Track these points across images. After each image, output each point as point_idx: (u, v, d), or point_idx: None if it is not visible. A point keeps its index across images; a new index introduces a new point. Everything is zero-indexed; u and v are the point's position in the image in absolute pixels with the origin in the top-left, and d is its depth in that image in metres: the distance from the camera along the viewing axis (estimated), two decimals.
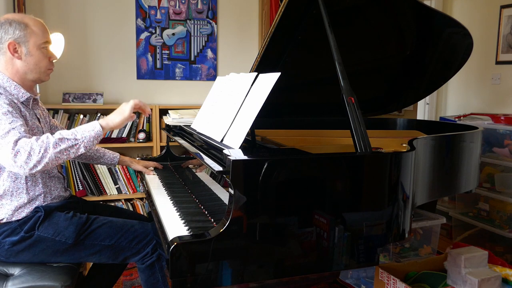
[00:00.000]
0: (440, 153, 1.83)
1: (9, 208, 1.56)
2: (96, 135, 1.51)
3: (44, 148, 1.40)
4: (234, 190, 1.21)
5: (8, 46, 1.56)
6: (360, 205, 1.39)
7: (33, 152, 1.39)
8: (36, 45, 1.60)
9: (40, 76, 1.65)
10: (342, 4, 1.91)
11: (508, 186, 2.81)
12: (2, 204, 1.56)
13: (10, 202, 1.56)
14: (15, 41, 1.57)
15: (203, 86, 3.77)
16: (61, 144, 1.43)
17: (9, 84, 1.59)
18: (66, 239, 1.57)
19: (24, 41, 1.58)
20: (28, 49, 1.59)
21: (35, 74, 1.63)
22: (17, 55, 1.58)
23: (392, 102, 2.55)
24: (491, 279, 1.89)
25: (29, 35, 1.58)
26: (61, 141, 1.44)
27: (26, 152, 1.38)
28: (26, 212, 1.58)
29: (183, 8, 3.65)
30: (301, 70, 2.17)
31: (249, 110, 1.48)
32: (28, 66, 1.60)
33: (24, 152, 1.38)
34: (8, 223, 1.56)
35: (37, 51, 1.60)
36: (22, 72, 1.61)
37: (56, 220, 1.58)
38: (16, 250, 1.56)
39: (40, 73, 1.64)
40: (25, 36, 1.57)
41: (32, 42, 1.59)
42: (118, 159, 2.15)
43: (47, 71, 1.67)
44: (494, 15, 3.33)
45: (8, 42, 1.56)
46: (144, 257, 1.67)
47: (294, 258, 1.31)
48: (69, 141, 1.45)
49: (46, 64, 1.65)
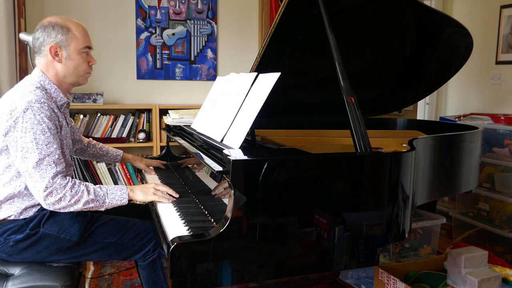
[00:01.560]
0: (440, 153, 1.83)
1: (19, 206, 1.57)
2: (121, 204, 1.61)
3: (75, 200, 1.50)
4: (234, 190, 1.21)
5: (50, 49, 1.60)
6: (360, 205, 1.39)
7: (64, 199, 1.49)
8: (76, 49, 1.63)
9: (79, 79, 1.69)
10: (342, 4, 1.91)
11: (508, 186, 2.81)
12: (13, 202, 1.57)
13: (22, 201, 1.57)
14: (57, 44, 1.60)
15: (203, 86, 3.77)
16: (90, 204, 1.54)
17: (50, 86, 1.62)
18: (71, 236, 1.58)
19: (65, 45, 1.61)
20: (69, 53, 1.62)
21: (73, 78, 1.67)
22: (57, 58, 1.62)
23: (392, 102, 2.55)
24: (491, 279, 1.89)
25: (70, 39, 1.61)
26: (92, 202, 1.54)
27: (58, 196, 1.48)
28: (34, 211, 1.59)
29: (183, 8, 3.65)
30: (301, 70, 2.17)
31: (249, 110, 1.48)
32: (67, 69, 1.64)
33: (56, 195, 1.48)
34: (15, 221, 1.57)
35: (77, 55, 1.64)
36: (61, 75, 1.65)
37: (61, 218, 1.59)
38: (20, 247, 1.57)
39: (79, 76, 1.68)
40: (66, 40, 1.60)
41: (73, 46, 1.62)
42: (121, 156, 2.16)
43: (86, 75, 1.71)
44: (494, 15, 3.33)
45: (50, 45, 1.60)
46: (146, 254, 1.68)
47: (294, 258, 1.31)
48: (97, 203, 1.55)
49: (85, 68, 1.68)
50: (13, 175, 1.56)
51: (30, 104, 1.48)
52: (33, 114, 1.48)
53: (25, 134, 1.47)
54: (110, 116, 3.40)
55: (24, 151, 1.47)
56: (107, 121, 3.38)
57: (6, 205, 1.57)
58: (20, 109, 1.48)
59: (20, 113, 1.47)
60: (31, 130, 1.47)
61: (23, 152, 1.47)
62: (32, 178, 1.47)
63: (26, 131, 1.47)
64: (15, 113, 1.48)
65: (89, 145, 2.08)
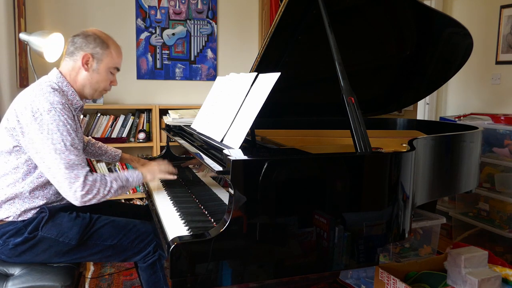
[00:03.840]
0: (440, 153, 1.83)
1: (18, 208, 1.56)
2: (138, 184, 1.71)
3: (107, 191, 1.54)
4: (234, 190, 1.21)
5: (83, 56, 1.63)
6: (360, 205, 1.39)
7: (98, 193, 1.52)
8: (107, 66, 1.68)
9: (94, 94, 1.73)
10: (342, 4, 1.91)
11: (508, 186, 2.81)
12: (14, 203, 1.57)
13: (22, 203, 1.57)
14: (92, 55, 1.64)
15: (203, 86, 3.77)
16: (119, 191, 1.59)
17: (68, 89, 1.64)
18: (70, 240, 1.57)
19: (99, 58, 1.66)
20: (99, 67, 1.66)
21: (91, 90, 1.70)
22: (85, 67, 1.65)
23: (392, 102, 2.55)
24: (491, 279, 1.89)
25: (106, 55, 1.66)
26: (120, 189, 1.60)
27: (93, 193, 1.51)
28: (33, 213, 1.58)
29: (183, 8, 3.65)
30: (301, 70, 2.17)
31: (249, 110, 1.48)
32: (90, 80, 1.67)
33: (91, 193, 1.50)
34: (13, 223, 1.56)
35: (104, 71, 1.68)
36: (82, 83, 1.67)
37: (60, 221, 1.58)
38: (19, 251, 1.56)
39: (96, 90, 1.71)
40: (102, 54, 1.66)
41: (105, 62, 1.67)
42: (120, 156, 2.16)
43: (103, 91, 1.75)
44: (494, 15, 3.33)
45: (85, 53, 1.63)
46: (146, 256, 1.68)
47: (294, 258, 1.31)
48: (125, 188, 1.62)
49: (105, 86, 1.72)
50: (20, 177, 1.55)
51: (53, 105, 1.49)
52: (58, 116, 1.48)
53: (52, 135, 1.46)
54: (110, 116, 3.40)
55: (53, 153, 1.46)
56: (107, 121, 3.38)
57: (6, 206, 1.56)
58: (43, 110, 1.47)
59: (44, 115, 1.47)
60: (57, 131, 1.47)
61: (52, 153, 1.46)
62: (65, 179, 1.46)
63: (53, 132, 1.47)
64: (38, 114, 1.47)
65: (89, 144, 2.08)
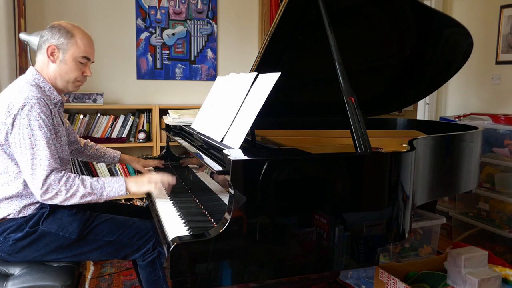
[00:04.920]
0: (440, 153, 1.83)
1: (18, 205, 1.58)
2: (119, 196, 1.64)
3: (71, 194, 1.53)
4: (234, 190, 1.21)
5: (47, 48, 1.64)
6: (360, 205, 1.39)
7: (60, 193, 1.51)
8: (73, 56, 1.67)
9: (68, 85, 1.72)
10: (342, 4, 1.91)
11: (508, 186, 2.81)
12: (12, 201, 1.58)
13: (20, 200, 1.59)
14: (56, 46, 1.64)
15: (203, 86, 3.77)
16: (87, 197, 1.55)
17: (45, 85, 1.66)
18: (70, 234, 1.59)
19: (64, 48, 1.65)
20: (65, 57, 1.66)
21: (63, 82, 1.70)
22: (52, 58, 1.66)
23: (392, 102, 2.55)
24: (491, 279, 1.89)
25: (70, 45, 1.65)
26: (89, 195, 1.55)
27: (54, 192, 1.51)
28: (33, 209, 1.60)
29: (183, 8, 3.65)
30: (301, 70, 2.17)
31: (249, 110, 1.48)
32: (59, 72, 1.67)
33: (52, 191, 1.51)
34: (14, 219, 1.58)
35: (72, 61, 1.67)
36: (53, 76, 1.68)
37: (60, 215, 1.60)
38: (20, 246, 1.57)
39: (68, 82, 1.70)
40: (67, 44, 1.65)
41: (71, 52, 1.66)
42: (119, 157, 2.16)
43: (76, 82, 1.74)
44: (494, 15, 3.33)
45: (49, 44, 1.64)
46: (145, 254, 1.68)
47: (294, 258, 1.31)
48: (95, 196, 1.57)
49: (76, 76, 1.71)
50: (12, 176, 1.57)
51: (27, 100, 1.52)
52: (30, 110, 1.51)
53: (23, 130, 1.50)
54: (110, 116, 3.40)
55: (23, 147, 1.50)
56: (107, 121, 3.38)
57: (4, 204, 1.58)
58: (18, 105, 1.51)
59: (17, 110, 1.50)
60: (28, 126, 1.50)
61: (22, 148, 1.50)
62: (30, 174, 1.50)
63: (24, 127, 1.50)
64: (13, 110, 1.51)
65: (86, 147, 2.08)
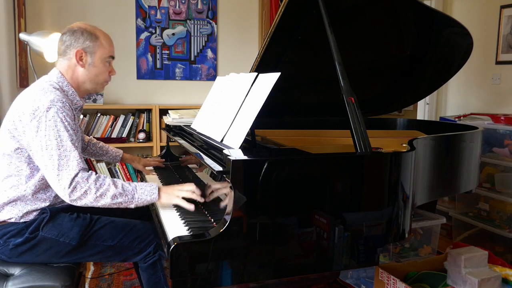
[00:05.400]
0: (440, 153, 1.83)
1: (21, 210, 1.57)
2: (150, 201, 1.56)
3: (101, 193, 1.47)
4: (234, 190, 1.21)
5: (76, 53, 1.62)
6: (360, 205, 1.39)
7: (89, 192, 1.46)
8: (101, 57, 1.66)
9: (97, 87, 1.72)
10: (342, 4, 1.91)
11: (508, 186, 2.81)
12: (16, 205, 1.57)
13: (25, 205, 1.57)
14: (83, 50, 1.63)
15: (203, 86, 3.77)
16: (118, 198, 1.49)
17: (68, 89, 1.65)
18: (70, 240, 1.57)
19: (91, 51, 1.64)
20: (93, 60, 1.65)
21: (92, 85, 1.70)
22: (81, 63, 1.64)
23: (392, 102, 2.55)
24: (491, 279, 1.89)
25: (97, 47, 1.64)
26: (120, 195, 1.49)
27: (83, 190, 1.45)
28: (35, 215, 1.59)
29: (183, 8, 3.65)
30: (301, 70, 2.17)
31: (249, 110, 1.48)
32: (89, 75, 1.67)
33: (81, 189, 1.45)
34: (15, 224, 1.57)
35: (100, 63, 1.67)
36: (81, 80, 1.67)
37: (60, 221, 1.59)
38: (20, 251, 1.56)
39: (97, 84, 1.71)
40: (93, 47, 1.64)
41: (99, 54, 1.65)
42: (121, 156, 2.16)
43: (104, 83, 1.74)
44: (494, 15, 3.33)
45: (76, 49, 1.62)
46: (146, 257, 1.68)
47: (294, 258, 1.31)
48: (126, 197, 1.51)
49: (105, 77, 1.71)
50: (22, 179, 1.56)
51: (53, 103, 1.50)
52: (56, 112, 1.49)
53: (49, 131, 1.47)
54: (110, 116, 3.40)
55: (49, 149, 1.47)
56: (107, 121, 3.38)
57: (8, 207, 1.56)
58: (43, 108, 1.48)
59: (43, 112, 1.48)
60: (54, 127, 1.48)
61: (48, 150, 1.47)
62: (56, 175, 1.46)
63: (50, 129, 1.47)
64: (38, 112, 1.48)
65: (89, 144, 2.08)
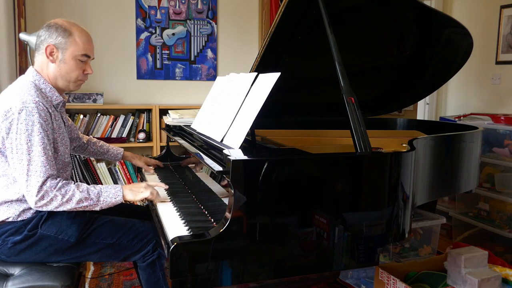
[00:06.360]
0: (440, 153, 1.83)
1: (17, 209, 1.57)
2: (115, 202, 1.59)
3: (67, 199, 1.50)
4: (234, 190, 1.21)
5: (46, 48, 1.61)
6: (360, 205, 1.39)
7: (55, 199, 1.49)
8: (73, 54, 1.63)
9: (69, 85, 1.69)
10: (342, 4, 1.91)
11: (508, 186, 2.81)
12: (11, 205, 1.57)
13: (20, 204, 1.57)
14: (55, 45, 1.61)
15: (203, 86, 3.77)
16: (84, 202, 1.52)
17: (45, 86, 1.63)
18: (69, 237, 1.58)
19: (63, 48, 1.62)
20: (64, 56, 1.63)
21: (64, 82, 1.67)
22: (51, 58, 1.62)
23: (392, 102, 2.55)
24: (491, 279, 1.89)
25: (69, 43, 1.62)
26: (85, 200, 1.52)
27: (49, 198, 1.48)
28: (32, 212, 1.59)
29: (183, 8, 3.65)
30: (301, 70, 2.17)
31: (249, 110, 1.48)
32: (60, 72, 1.64)
33: (47, 197, 1.48)
34: (13, 222, 1.57)
35: (71, 60, 1.64)
36: (53, 76, 1.65)
37: (59, 218, 1.59)
38: (18, 249, 1.57)
39: (69, 82, 1.68)
40: (65, 43, 1.61)
41: (70, 51, 1.63)
42: (122, 154, 2.16)
43: (78, 81, 1.71)
44: (494, 15, 3.33)
45: (47, 44, 1.61)
46: (145, 255, 1.68)
47: (294, 258, 1.31)
48: (91, 201, 1.54)
49: (77, 75, 1.68)
50: (12, 180, 1.56)
51: (25, 104, 1.49)
52: (28, 115, 1.48)
53: (20, 135, 1.47)
54: (110, 116, 3.40)
55: (20, 153, 1.47)
56: (107, 121, 3.38)
57: (3, 207, 1.56)
58: (15, 110, 1.48)
59: (15, 115, 1.48)
60: (25, 131, 1.47)
61: (18, 154, 1.47)
62: (25, 181, 1.47)
63: (21, 132, 1.47)
64: (9, 114, 1.48)
65: (89, 143, 2.08)
